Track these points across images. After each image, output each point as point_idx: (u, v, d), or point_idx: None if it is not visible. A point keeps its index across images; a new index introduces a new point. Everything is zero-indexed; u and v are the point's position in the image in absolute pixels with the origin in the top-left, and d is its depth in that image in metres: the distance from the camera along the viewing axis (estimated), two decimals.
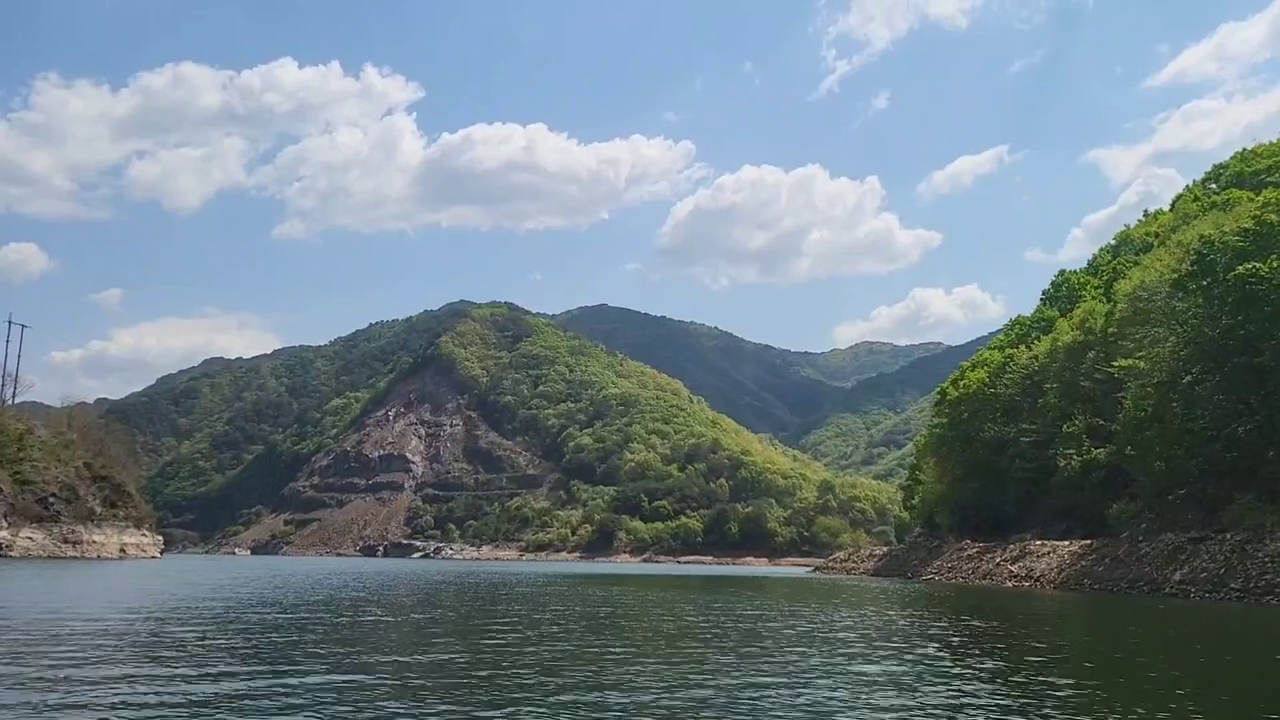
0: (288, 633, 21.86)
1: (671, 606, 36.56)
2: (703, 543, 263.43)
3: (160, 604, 31.21)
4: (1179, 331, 56.88)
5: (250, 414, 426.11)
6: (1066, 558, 57.87)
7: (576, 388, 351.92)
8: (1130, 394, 60.50)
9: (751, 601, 41.70)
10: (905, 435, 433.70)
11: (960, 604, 42.54)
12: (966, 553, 73.59)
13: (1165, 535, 52.70)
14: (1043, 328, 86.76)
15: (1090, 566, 54.73)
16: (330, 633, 22.67)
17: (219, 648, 18.29)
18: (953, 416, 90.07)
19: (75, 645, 17.60)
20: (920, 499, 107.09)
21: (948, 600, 45.88)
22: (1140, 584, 49.29)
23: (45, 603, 30.18)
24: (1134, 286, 59.96)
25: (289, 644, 19.20)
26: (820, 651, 19.43)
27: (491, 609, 32.73)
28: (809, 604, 39.96)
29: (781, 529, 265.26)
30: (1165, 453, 58.05)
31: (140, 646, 18.14)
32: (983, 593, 53.71)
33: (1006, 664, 18.09)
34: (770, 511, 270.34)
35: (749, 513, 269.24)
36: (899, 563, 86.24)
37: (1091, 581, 53.12)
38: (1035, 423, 78.52)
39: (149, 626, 22.41)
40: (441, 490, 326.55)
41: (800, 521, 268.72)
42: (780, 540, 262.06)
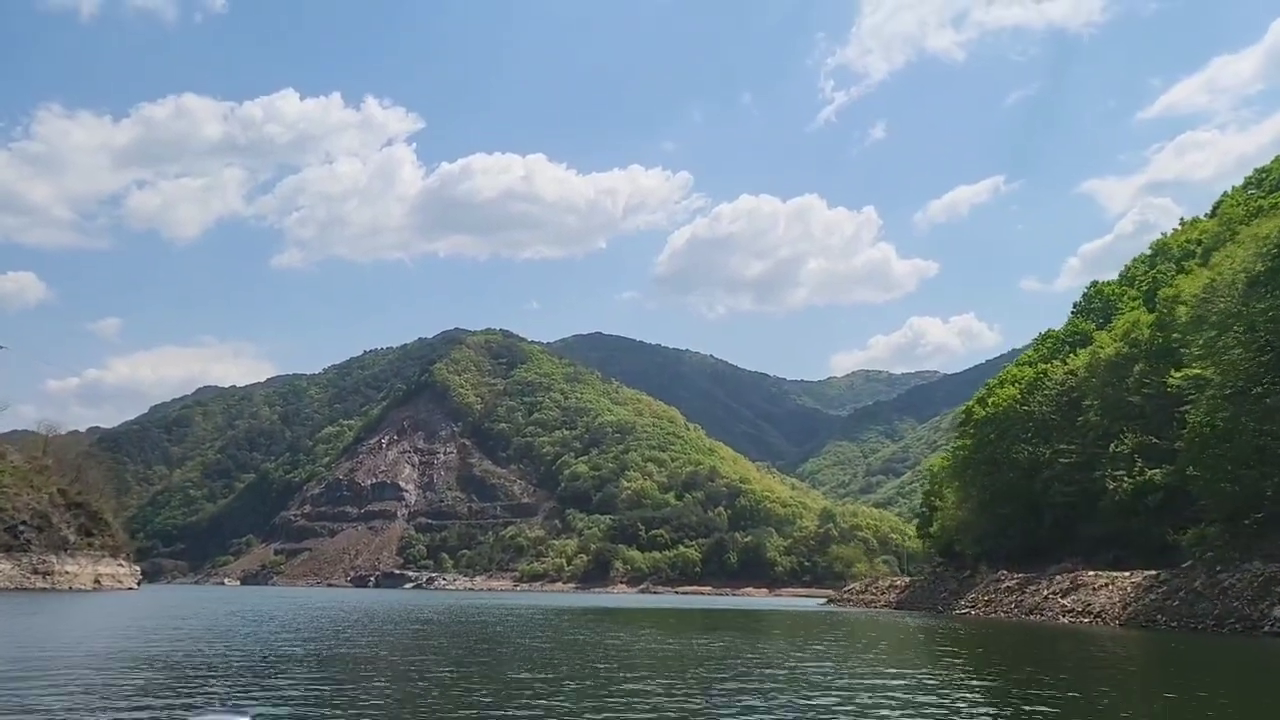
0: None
1: (682, 663, 29.60)
2: (701, 572, 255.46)
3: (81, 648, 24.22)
4: (1253, 336, 50.44)
5: (242, 442, 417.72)
6: (1130, 590, 50.91)
7: (572, 415, 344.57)
8: (1195, 407, 53.87)
9: (781, 648, 34.70)
10: (904, 464, 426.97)
11: (1029, 649, 35.61)
12: (1005, 584, 66.56)
13: (1250, 564, 45.91)
14: (1077, 341, 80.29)
15: (1163, 601, 47.78)
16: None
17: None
18: (979, 437, 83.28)
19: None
20: (939, 526, 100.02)
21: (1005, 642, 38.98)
22: (1230, 621, 42.46)
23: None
24: (1201, 286, 53.42)
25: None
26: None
27: (487, 660, 25.75)
28: (859, 656, 32.99)
29: (781, 558, 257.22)
30: (1236, 473, 51.39)
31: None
32: (1039, 632, 46.70)
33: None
34: (770, 541, 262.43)
35: (748, 542, 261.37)
36: (925, 595, 79.11)
37: (1167, 618, 46.21)
38: (1074, 443, 71.85)
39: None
40: (435, 519, 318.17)
41: (800, 551, 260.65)
42: (780, 570, 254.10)
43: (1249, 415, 50.37)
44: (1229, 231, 73.80)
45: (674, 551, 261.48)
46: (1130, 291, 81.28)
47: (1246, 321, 50.49)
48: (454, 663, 25.16)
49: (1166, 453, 61.60)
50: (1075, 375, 73.59)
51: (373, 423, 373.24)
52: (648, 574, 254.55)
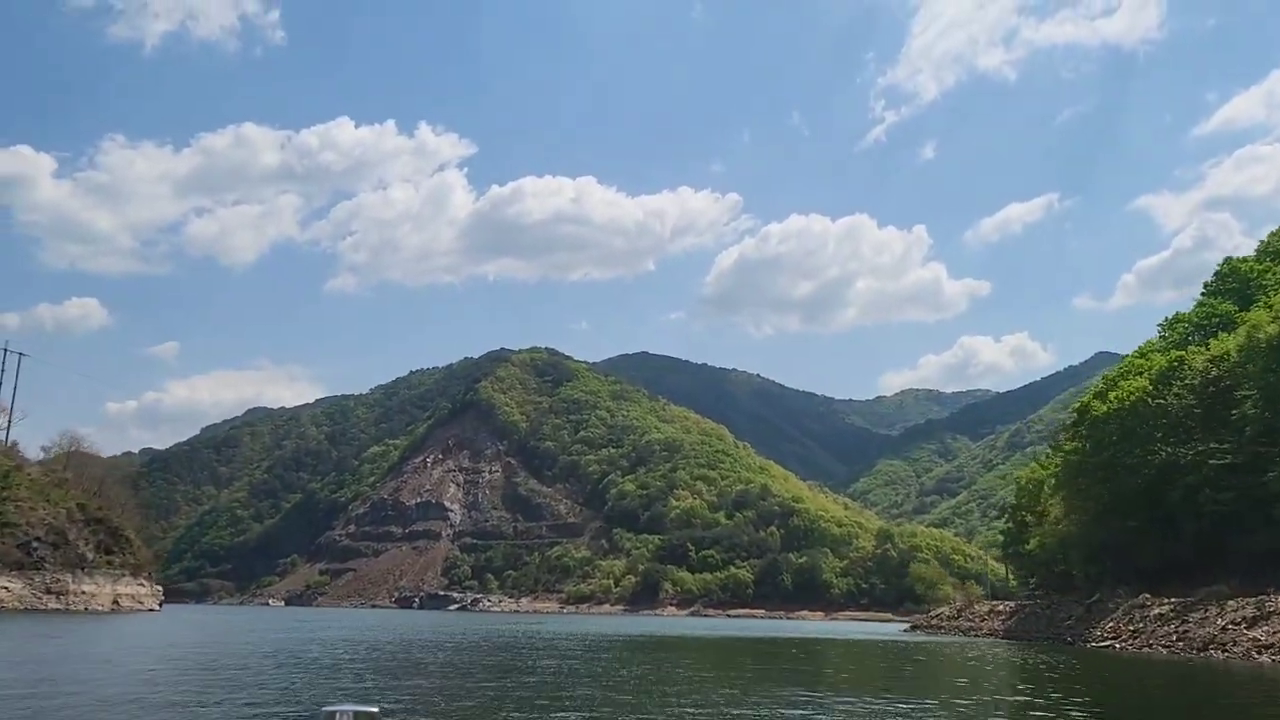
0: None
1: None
2: (753, 594, 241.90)
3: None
4: None
5: (289, 462, 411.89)
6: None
7: (618, 433, 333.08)
8: None
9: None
10: (959, 483, 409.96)
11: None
12: (1153, 611, 53.85)
13: None
14: (1218, 325, 67.59)
15: None
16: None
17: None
18: (1097, 438, 70.57)
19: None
20: (1036, 544, 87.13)
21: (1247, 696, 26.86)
22: None
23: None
24: None
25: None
26: None
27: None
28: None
29: (838, 580, 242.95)
30: None
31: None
32: (1259, 679, 34.36)
33: None
34: (825, 562, 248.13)
35: (802, 563, 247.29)
36: (1039, 622, 66.38)
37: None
38: (1227, 440, 59.11)
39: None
40: (479, 539, 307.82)
41: (857, 573, 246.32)
42: (836, 592, 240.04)
43: None
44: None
45: (725, 573, 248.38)
46: (1275, 268, 68.42)
47: None
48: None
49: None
50: (1226, 361, 60.87)
51: (417, 442, 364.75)
52: (698, 596, 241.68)
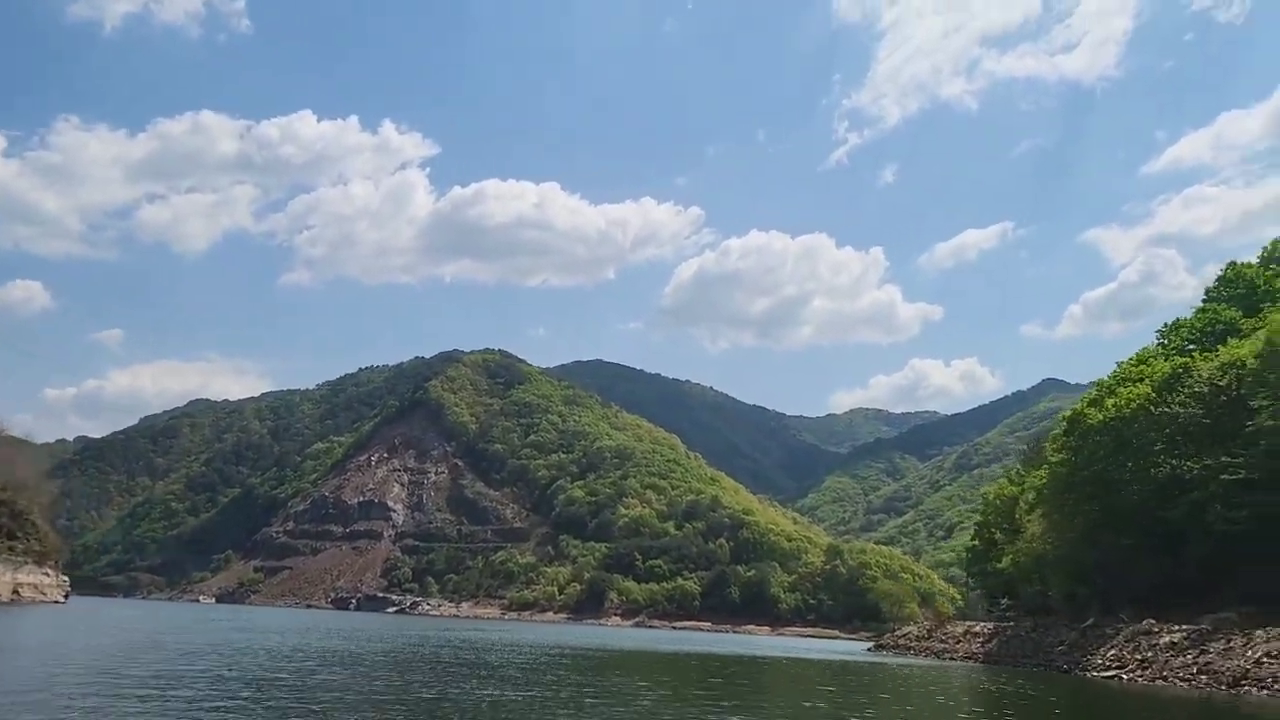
0: None
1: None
2: (700, 607, 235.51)
3: None
4: None
5: (229, 456, 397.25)
6: None
7: (569, 438, 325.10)
8: None
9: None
10: (906, 502, 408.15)
11: None
12: (1163, 639, 47.86)
13: None
14: (1222, 331, 62.29)
15: None
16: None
17: None
18: (1088, 449, 64.85)
19: None
20: (1011, 562, 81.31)
21: None
22: None
23: None
24: None
25: None
26: None
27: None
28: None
29: (786, 595, 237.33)
30: None
31: None
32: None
33: None
34: (774, 576, 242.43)
35: (751, 576, 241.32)
36: (1026, 646, 60.21)
37: None
38: (1240, 454, 53.53)
39: None
40: (422, 541, 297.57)
41: (805, 588, 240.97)
42: (784, 607, 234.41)
43: None
44: None
45: (672, 584, 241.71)
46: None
47: None
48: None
49: None
50: (1239, 368, 55.38)
51: (363, 439, 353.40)
52: (644, 606, 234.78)
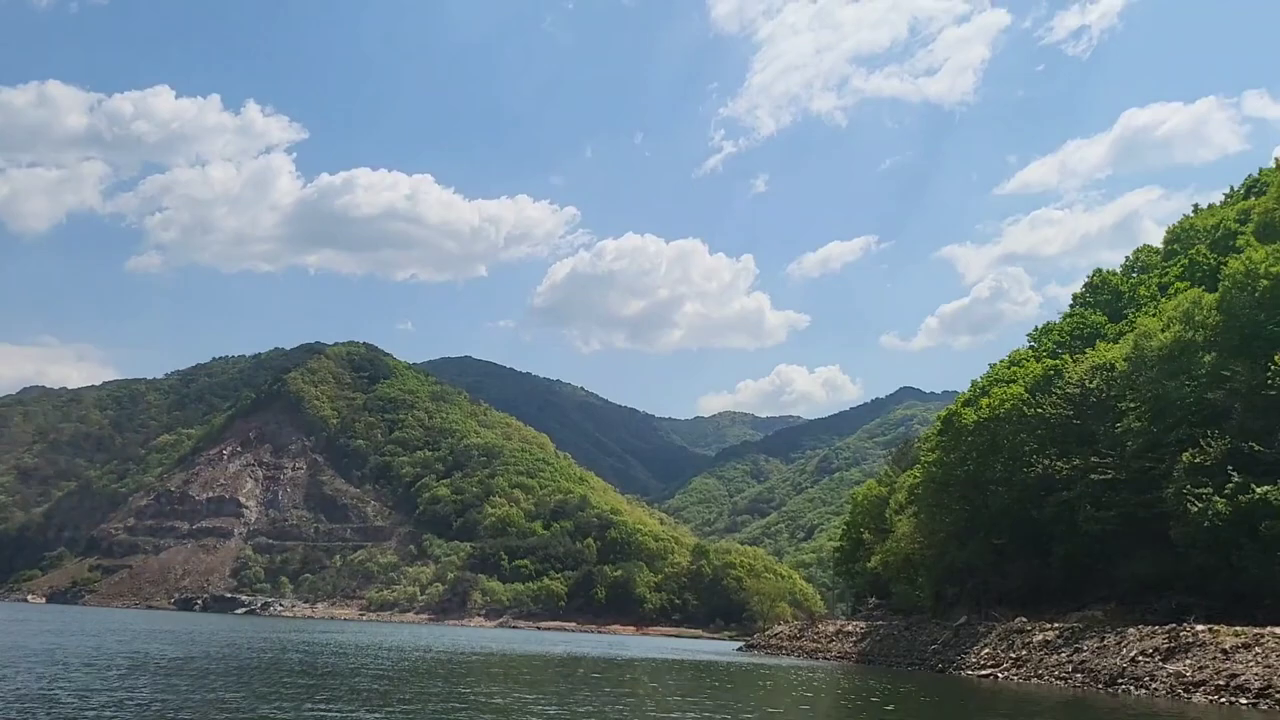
0: None
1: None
2: (566, 607, 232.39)
3: None
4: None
5: (66, 447, 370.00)
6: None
7: (435, 435, 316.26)
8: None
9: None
10: (769, 504, 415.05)
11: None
12: (1036, 637, 47.73)
13: None
14: (1090, 335, 63.47)
15: None
16: None
17: None
18: (959, 450, 65.16)
19: None
20: (880, 561, 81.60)
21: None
22: None
23: None
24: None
25: None
26: None
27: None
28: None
29: (651, 595, 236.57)
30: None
31: None
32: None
33: None
34: (640, 576, 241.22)
35: (618, 576, 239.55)
36: (899, 646, 59.73)
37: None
38: (1108, 455, 54.28)
39: None
40: (276, 539, 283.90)
41: (671, 588, 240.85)
42: (649, 607, 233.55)
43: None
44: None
45: (538, 584, 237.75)
46: (1146, 280, 65.24)
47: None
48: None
49: (1273, 465, 44.48)
50: (1109, 371, 56.22)
51: (214, 432, 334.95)
52: (508, 607, 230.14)
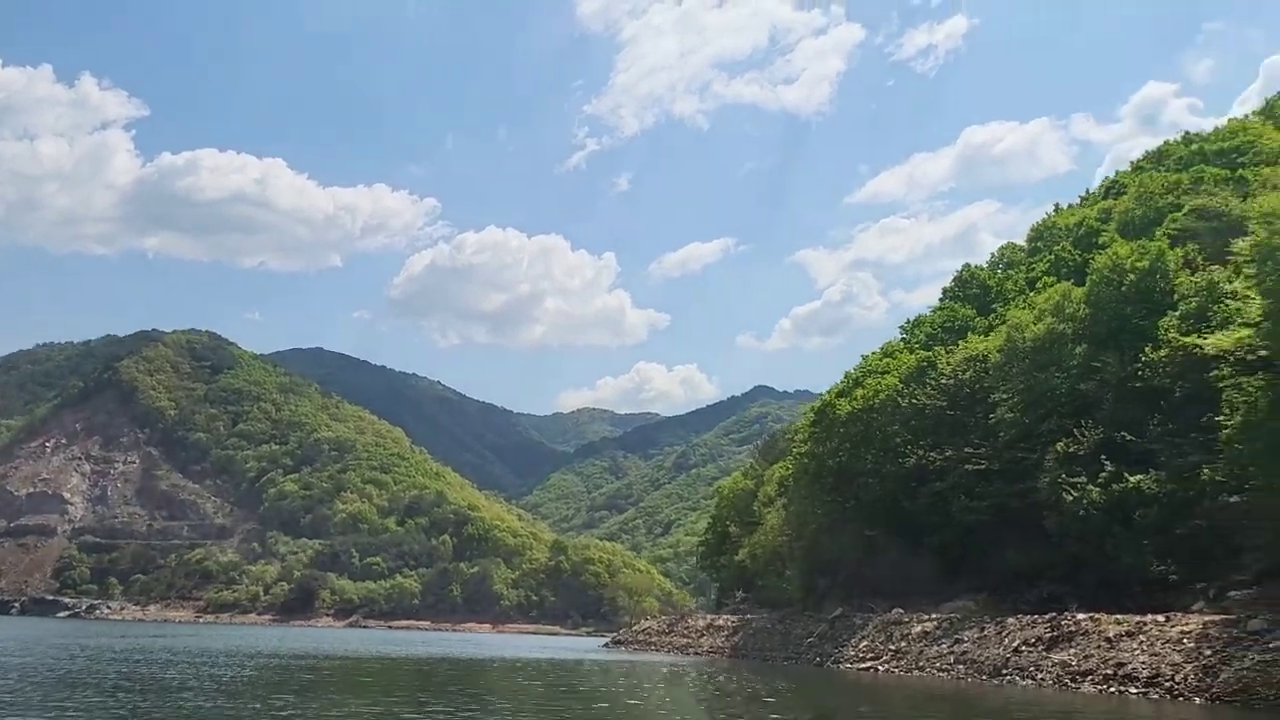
0: None
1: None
2: (420, 605, 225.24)
3: None
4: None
5: None
6: (1198, 645, 32.23)
7: (284, 429, 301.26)
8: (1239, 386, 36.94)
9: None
10: (627, 500, 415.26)
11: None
12: (915, 629, 46.88)
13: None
14: (961, 328, 63.73)
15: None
16: None
17: None
18: (833, 440, 64.42)
19: None
20: (748, 554, 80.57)
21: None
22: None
23: None
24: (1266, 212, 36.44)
25: None
26: None
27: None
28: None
29: (509, 592, 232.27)
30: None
31: None
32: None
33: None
34: (497, 572, 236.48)
35: (474, 573, 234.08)
36: (774, 639, 58.25)
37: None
38: (981, 445, 54.25)
39: None
40: (105, 538, 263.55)
41: (529, 584, 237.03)
42: (506, 604, 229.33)
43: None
44: (1144, 206, 60.12)
45: (390, 582, 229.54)
46: (1014, 275, 66.18)
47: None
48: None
49: (1144, 454, 44.89)
50: (980, 362, 56.28)
51: (36, 424, 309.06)
52: (358, 606, 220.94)
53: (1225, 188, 55.66)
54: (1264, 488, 36.25)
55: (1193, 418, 43.52)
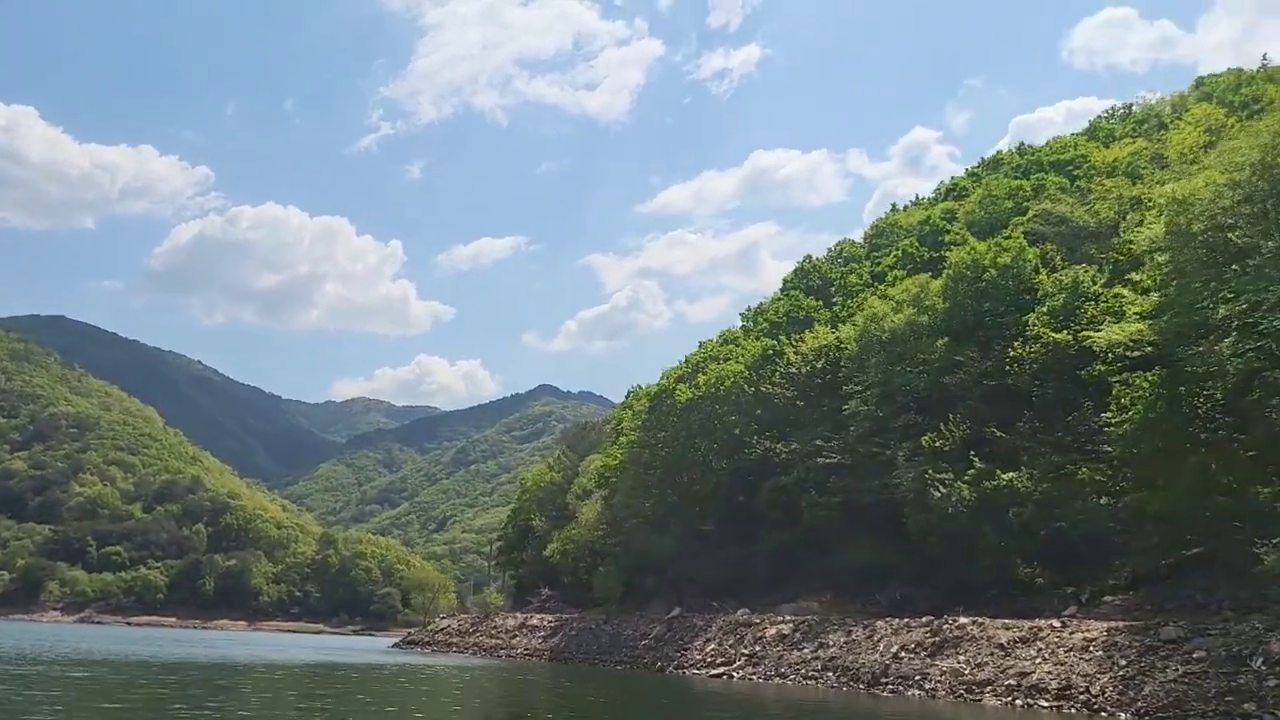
0: None
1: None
2: (166, 600, 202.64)
3: None
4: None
5: None
6: (1108, 652, 29.33)
7: (13, 400, 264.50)
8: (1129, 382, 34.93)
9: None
10: (401, 494, 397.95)
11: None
12: (767, 631, 42.48)
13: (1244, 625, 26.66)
14: (805, 319, 60.57)
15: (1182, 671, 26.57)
16: None
17: None
18: (665, 431, 59.59)
19: None
20: (558, 550, 74.41)
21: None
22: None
23: None
24: (1180, 200, 34.36)
25: None
26: None
27: None
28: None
29: (269, 587, 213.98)
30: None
31: None
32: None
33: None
34: (257, 566, 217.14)
35: (230, 566, 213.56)
36: (601, 641, 52.25)
37: (1209, 704, 25.00)
38: (833, 438, 50.93)
39: None
40: None
41: (292, 579, 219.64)
42: (265, 600, 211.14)
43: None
44: (987, 209, 59.50)
45: (132, 573, 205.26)
46: (858, 267, 64.00)
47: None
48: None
49: (1010, 452, 42.71)
50: (833, 351, 53.08)
51: None
52: (93, 599, 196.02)
53: (1068, 195, 55.56)
54: (1151, 488, 34.36)
55: (1060, 416, 41.89)
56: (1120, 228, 48.28)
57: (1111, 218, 50.37)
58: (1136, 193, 51.35)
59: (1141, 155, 57.16)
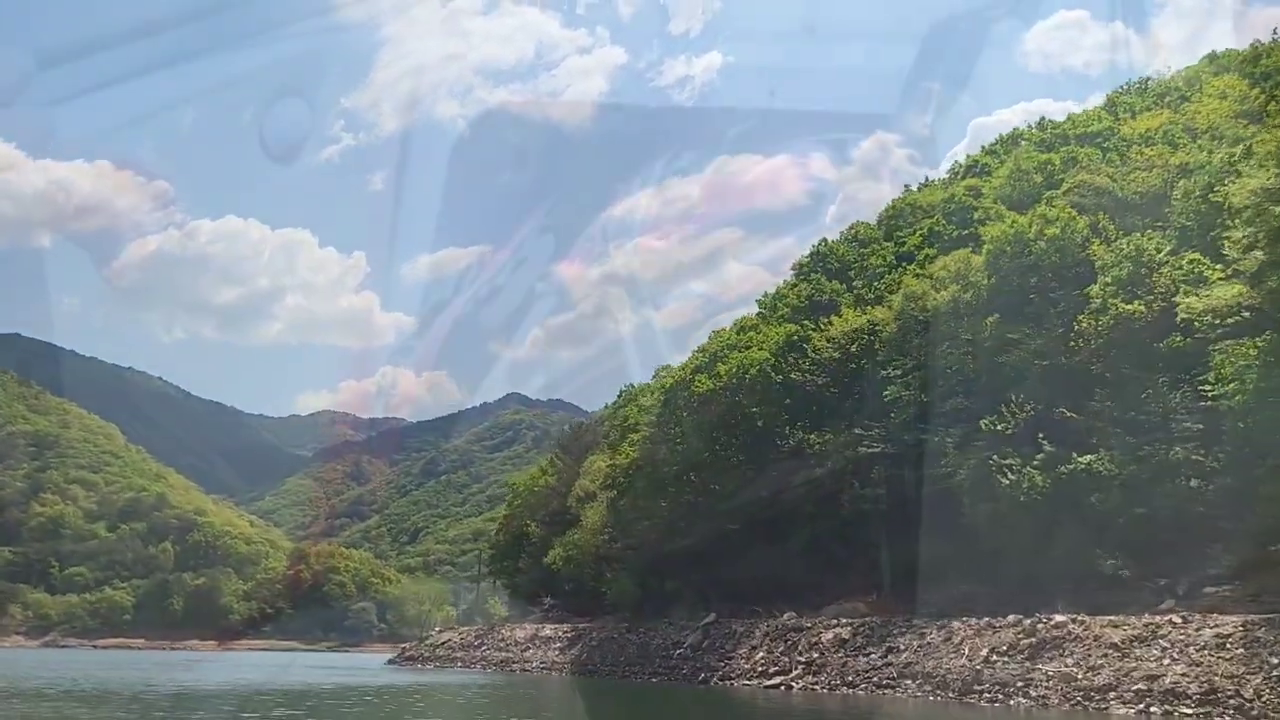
0: None
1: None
2: (134, 621, 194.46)
3: None
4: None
5: None
6: (1249, 648, 25.63)
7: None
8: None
9: None
10: (370, 507, 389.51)
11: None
12: (823, 636, 38.41)
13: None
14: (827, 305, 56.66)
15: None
16: None
17: None
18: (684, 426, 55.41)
19: None
20: (563, 556, 69.79)
21: None
22: None
23: None
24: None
25: None
26: None
27: None
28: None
29: (240, 605, 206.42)
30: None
31: None
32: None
33: None
34: (227, 583, 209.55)
35: (200, 584, 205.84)
36: (628, 652, 47.91)
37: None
38: (874, 426, 47.03)
39: None
40: None
41: (264, 596, 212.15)
42: (237, 618, 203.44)
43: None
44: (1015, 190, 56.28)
45: (98, 595, 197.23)
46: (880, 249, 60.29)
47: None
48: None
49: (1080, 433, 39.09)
50: (867, 335, 49.25)
51: None
52: (57, 622, 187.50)
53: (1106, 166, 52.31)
54: (1263, 465, 30.83)
55: (1134, 393, 38.34)
56: (1171, 196, 45.08)
57: (1159, 186, 47.08)
58: (1178, 160, 48.33)
59: (1176, 125, 54.10)
